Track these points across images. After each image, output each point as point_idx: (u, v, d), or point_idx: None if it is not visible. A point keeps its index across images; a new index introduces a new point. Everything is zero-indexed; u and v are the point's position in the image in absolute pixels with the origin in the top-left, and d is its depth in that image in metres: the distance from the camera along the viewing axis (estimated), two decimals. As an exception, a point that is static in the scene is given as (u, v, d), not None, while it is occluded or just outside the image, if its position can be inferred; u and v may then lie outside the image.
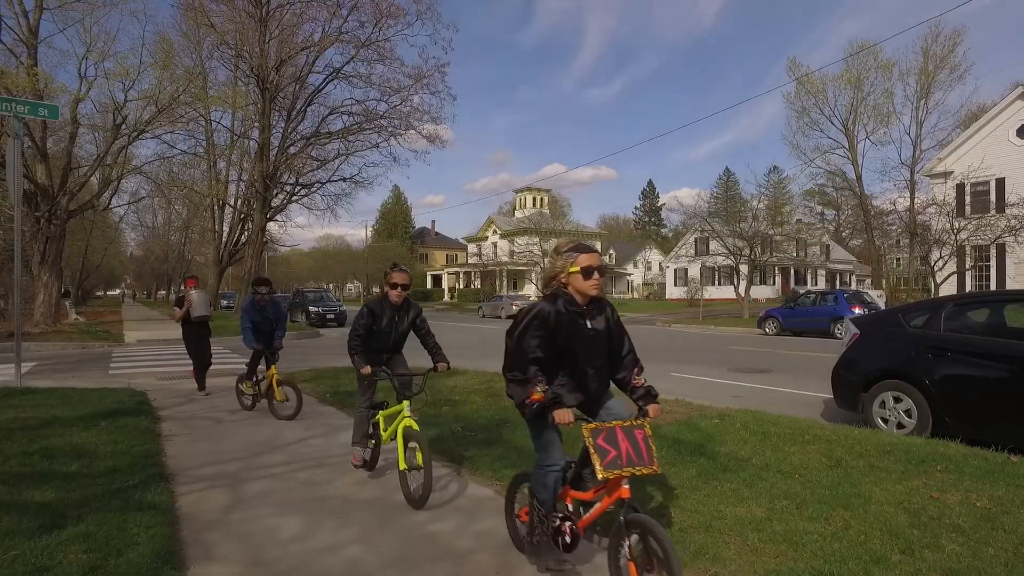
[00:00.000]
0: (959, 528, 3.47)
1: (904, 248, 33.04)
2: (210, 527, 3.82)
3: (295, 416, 7.00)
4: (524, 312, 3.00)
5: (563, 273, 2.96)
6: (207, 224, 40.45)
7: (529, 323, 2.91)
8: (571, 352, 2.95)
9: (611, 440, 2.74)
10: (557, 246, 3.09)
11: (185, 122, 25.06)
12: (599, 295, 3.00)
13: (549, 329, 2.89)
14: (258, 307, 7.51)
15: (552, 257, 3.07)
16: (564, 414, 2.76)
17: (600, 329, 3.01)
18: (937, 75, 37.57)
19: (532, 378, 2.83)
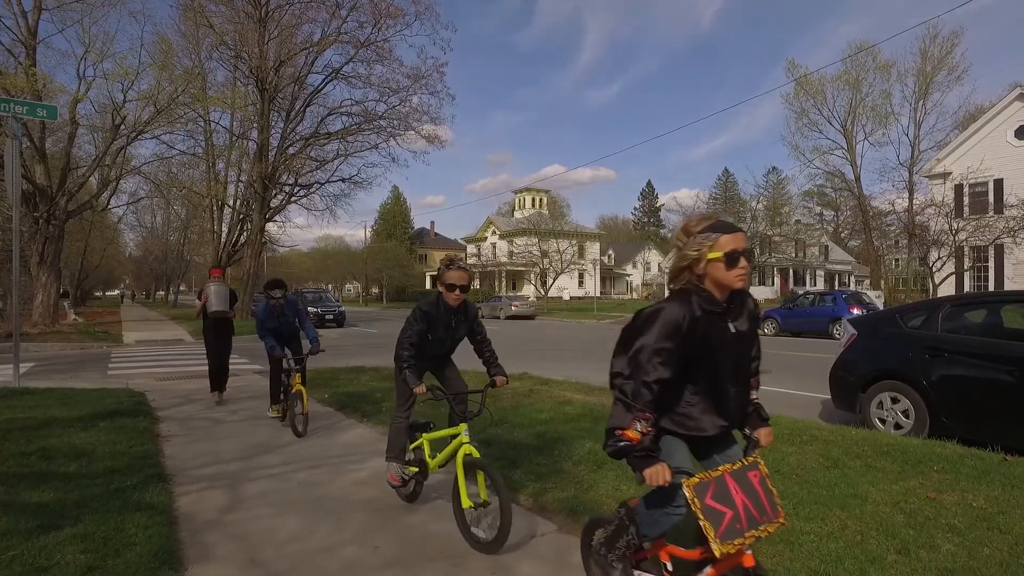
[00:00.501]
0: (955, 528, 3.49)
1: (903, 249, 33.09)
2: (208, 527, 3.83)
3: (304, 430, 6.28)
4: (646, 316, 2.26)
5: (700, 262, 2.22)
6: (206, 225, 40.43)
7: (654, 334, 2.18)
8: (709, 364, 2.26)
9: (723, 495, 2.11)
10: (686, 226, 2.30)
11: (184, 123, 25.10)
12: (743, 287, 2.27)
13: (680, 339, 2.18)
14: (275, 313, 6.89)
15: (680, 240, 2.30)
16: (658, 473, 2.09)
17: (745, 332, 2.34)
18: (935, 76, 37.66)
19: (637, 412, 2.16)
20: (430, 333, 3.99)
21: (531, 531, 3.74)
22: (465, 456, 3.59)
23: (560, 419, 6.36)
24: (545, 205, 63.95)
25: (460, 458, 3.60)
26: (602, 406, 7.04)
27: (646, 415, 2.15)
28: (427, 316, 3.95)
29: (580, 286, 59.62)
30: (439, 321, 4.00)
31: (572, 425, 6.07)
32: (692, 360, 2.23)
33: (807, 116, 41.38)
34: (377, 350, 16.23)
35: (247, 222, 31.31)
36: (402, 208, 75.04)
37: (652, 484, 2.11)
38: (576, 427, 6.00)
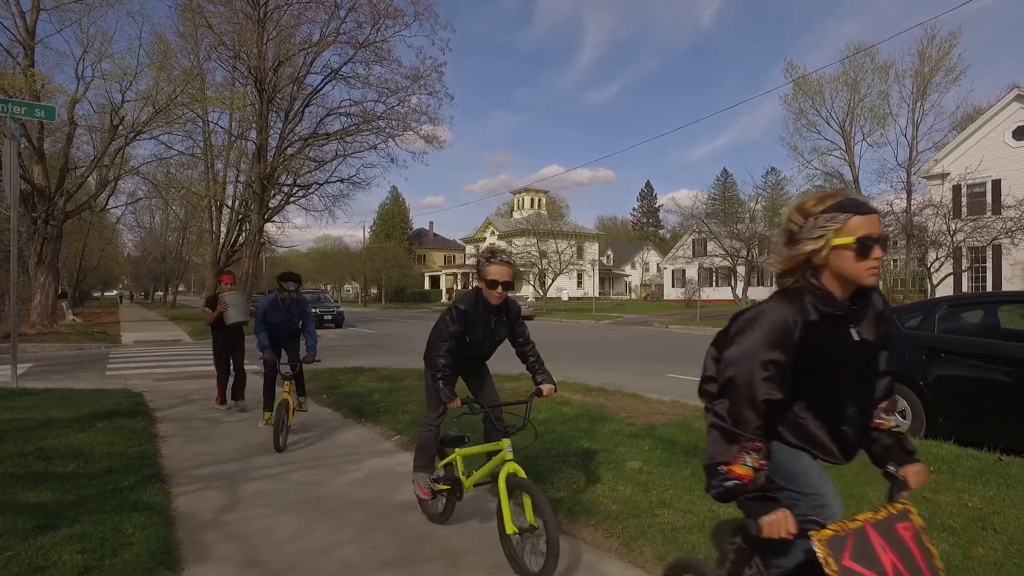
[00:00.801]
0: (950, 528, 3.50)
1: (901, 249, 33.09)
2: (206, 527, 3.84)
3: (284, 443, 5.77)
4: (746, 320, 1.79)
5: (820, 249, 1.74)
6: (205, 225, 40.38)
7: (759, 342, 1.72)
8: (824, 382, 1.80)
9: (866, 554, 1.60)
10: (803, 204, 1.80)
11: (182, 123, 25.08)
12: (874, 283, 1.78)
13: (791, 349, 1.72)
14: (281, 307, 6.37)
15: (794, 222, 1.80)
16: (780, 523, 1.61)
17: (871, 340, 1.85)
18: (933, 77, 37.67)
19: (744, 442, 1.69)
20: (467, 334, 3.56)
21: (528, 531, 3.73)
22: (509, 476, 3.17)
23: (557, 419, 6.37)
24: (544, 206, 63.97)
25: (503, 478, 3.17)
26: (599, 407, 7.06)
27: (756, 444, 1.69)
28: (465, 316, 3.50)
29: (579, 286, 59.65)
30: (477, 321, 3.56)
31: (569, 425, 6.08)
32: (806, 377, 1.77)
33: (805, 117, 41.35)
34: (376, 350, 16.24)
35: (246, 222, 31.30)
36: (401, 209, 75.07)
37: (771, 536, 1.62)
38: (573, 427, 6.00)
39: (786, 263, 1.83)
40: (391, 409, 7.32)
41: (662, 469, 4.66)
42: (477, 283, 3.53)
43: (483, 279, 3.47)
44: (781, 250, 1.85)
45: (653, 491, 4.18)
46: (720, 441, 1.75)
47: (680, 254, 53.48)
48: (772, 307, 1.77)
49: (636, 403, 7.48)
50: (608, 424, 6.15)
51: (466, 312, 3.51)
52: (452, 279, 64.64)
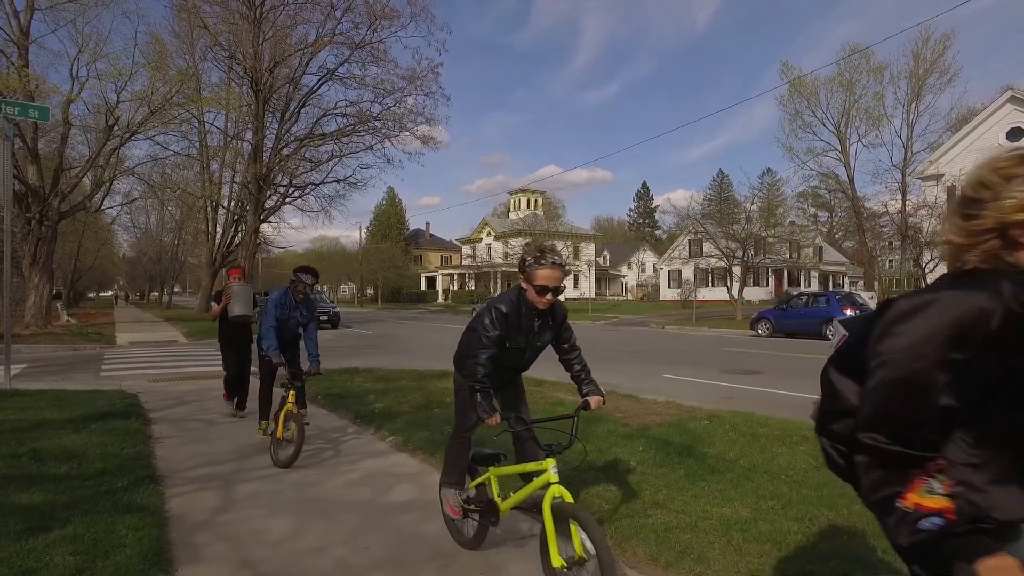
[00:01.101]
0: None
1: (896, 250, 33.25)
2: (199, 528, 3.83)
3: (292, 462, 5.18)
4: (909, 309, 1.32)
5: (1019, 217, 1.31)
6: (200, 226, 40.37)
7: (935, 334, 1.27)
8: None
9: None
10: (995, 163, 1.38)
11: (178, 123, 25.07)
12: None
13: (977, 350, 1.25)
14: (290, 304, 5.78)
15: (985, 184, 1.37)
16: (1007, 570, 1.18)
17: None
18: (927, 79, 37.82)
19: (925, 462, 1.27)
20: (508, 340, 3.16)
21: (521, 531, 3.75)
22: (555, 501, 2.78)
23: (552, 420, 6.37)
24: (540, 206, 64.01)
25: (548, 504, 2.77)
26: (594, 407, 7.06)
27: (939, 463, 1.27)
28: (506, 320, 3.10)
29: (575, 287, 59.68)
30: (519, 326, 3.17)
31: (564, 426, 6.08)
32: (987, 388, 1.28)
33: (801, 118, 41.43)
34: (372, 351, 16.23)
35: (241, 223, 31.29)
36: (397, 209, 75.04)
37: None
38: (568, 428, 6.00)
39: (967, 236, 1.38)
40: (387, 410, 7.32)
41: (656, 470, 4.67)
42: (522, 283, 3.12)
43: (530, 282, 3.05)
44: (956, 221, 1.43)
45: (646, 491, 4.20)
46: (883, 468, 1.29)
47: (676, 255, 53.56)
48: (950, 295, 1.30)
49: (631, 404, 7.50)
50: (602, 425, 6.17)
51: (507, 315, 3.10)
52: (449, 279, 64.64)
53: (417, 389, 8.67)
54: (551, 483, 2.82)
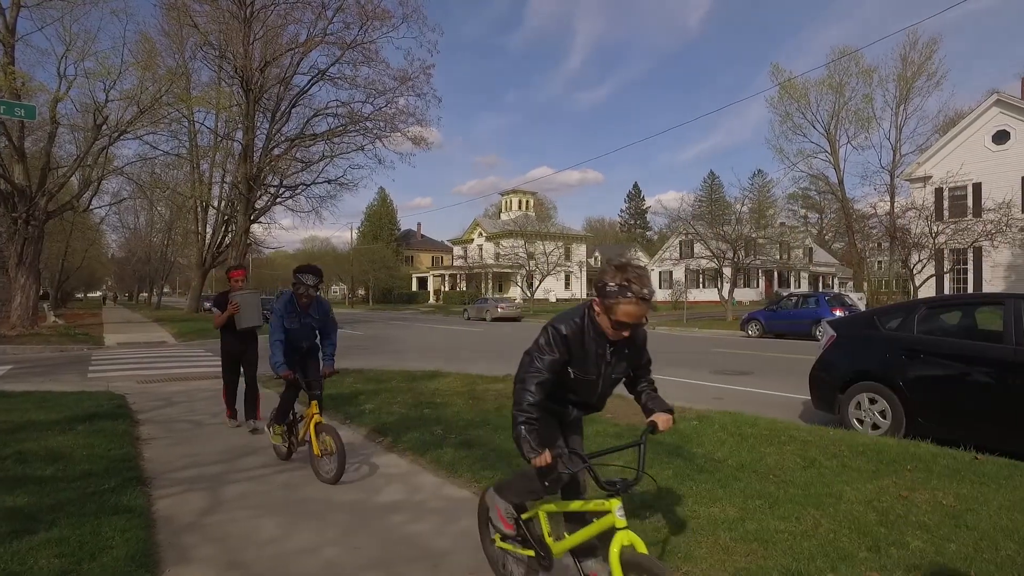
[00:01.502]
0: (924, 525, 3.56)
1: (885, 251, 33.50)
2: (187, 530, 3.82)
3: (338, 478, 4.72)
4: None
5: None
6: (190, 226, 40.16)
7: None
8: None
9: None
10: None
11: (168, 123, 24.95)
12: None
13: None
14: (298, 309, 5.14)
15: None
16: None
17: None
18: (915, 81, 38.22)
19: None
20: (572, 367, 2.53)
21: (510, 531, 3.75)
22: (624, 550, 2.27)
23: (542, 420, 6.37)
24: (532, 207, 64.04)
25: (618, 553, 2.27)
26: (585, 407, 7.07)
27: None
28: (567, 343, 2.49)
29: (567, 288, 59.74)
30: (588, 355, 2.52)
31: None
32: None
33: (791, 120, 41.74)
34: (362, 352, 16.18)
35: (232, 223, 31.14)
36: (388, 210, 74.89)
37: None
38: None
39: None
40: (377, 411, 7.31)
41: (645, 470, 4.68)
42: (595, 306, 2.45)
43: (608, 313, 2.39)
44: None
45: (634, 491, 4.21)
46: None
47: (667, 256, 53.77)
48: None
49: (620, 403, 7.49)
50: (592, 425, 6.17)
51: (568, 339, 2.48)
52: (440, 280, 64.55)
53: (408, 390, 8.65)
54: (619, 528, 2.32)
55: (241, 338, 6.75)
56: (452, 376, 9.87)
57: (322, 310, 5.29)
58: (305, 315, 5.18)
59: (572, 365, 2.54)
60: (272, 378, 6.14)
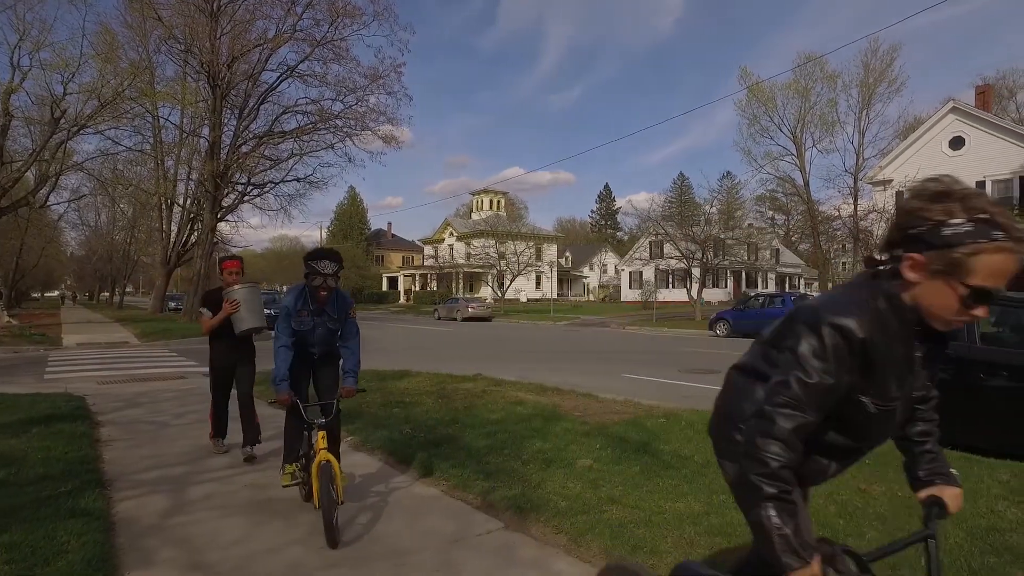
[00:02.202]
0: (880, 517, 3.67)
1: (849, 252, 34.32)
2: (148, 532, 3.73)
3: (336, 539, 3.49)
4: None
5: None
6: (154, 224, 39.20)
7: None
8: None
9: None
10: None
11: (131, 118, 24.31)
12: None
13: None
14: (312, 305, 4.10)
15: None
16: None
17: None
18: (876, 87, 39.21)
19: None
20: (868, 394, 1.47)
21: (478, 528, 3.76)
22: None
23: (512, 419, 6.40)
24: (503, 207, 64.08)
25: None
26: (554, 406, 7.12)
27: None
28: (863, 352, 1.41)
29: (537, 288, 59.91)
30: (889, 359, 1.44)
31: (523, 425, 6.12)
32: None
33: (759, 123, 42.52)
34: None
35: (198, 221, 30.51)
36: (358, 209, 74.21)
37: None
38: (527, 427, 6.05)
39: None
40: (345, 410, 7.22)
41: (612, 467, 4.73)
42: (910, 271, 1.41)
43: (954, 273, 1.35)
44: None
45: (603, 488, 4.25)
46: None
47: (637, 256, 54.28)
48: None
49: (590, 402, 7.57)
50: (561, 423, 6.22)
51: (866, 345, 1.40)
52: (411, 280, 64.17)
53: (376, 389, 8.59)
54: None
55: (236, 347, 5.46)
56: (421, 376, 9.83)
57: (342, 307, 4.23)
58: (321, 312, 4.14)
59: (867, 390, 1.46)
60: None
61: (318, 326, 4.18)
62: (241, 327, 5.32)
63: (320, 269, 3.95)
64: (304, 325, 4.13)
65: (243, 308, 5.27)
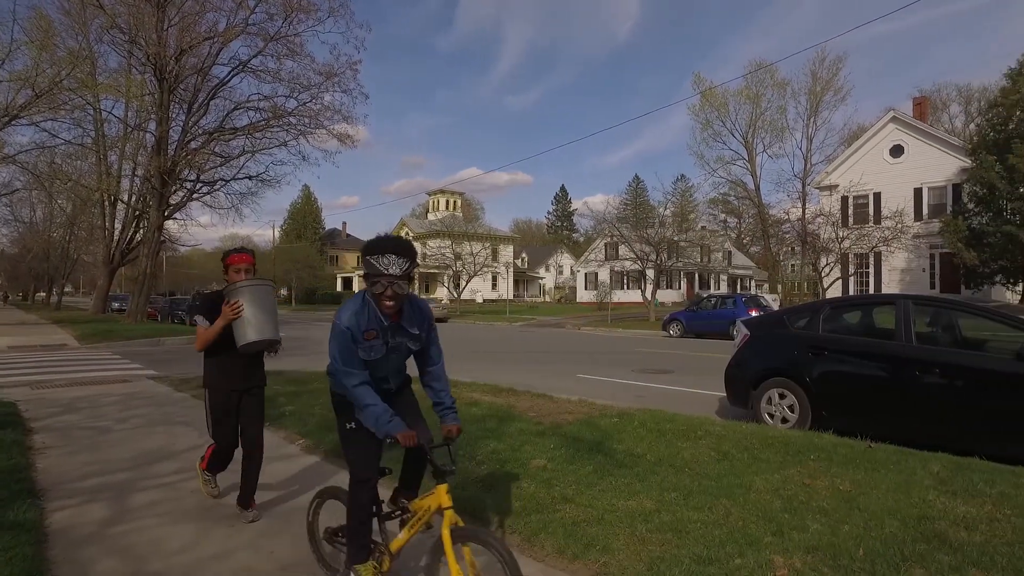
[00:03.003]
0: (823, 510, 3.80)
1: (797, 255, 35.43)
2: (86, 542, 3.58)
3: None
4: None
5: None
6: (96, 221, 37.63)
7: None
8: None
9: None
10: None
11: (69, 109, 23.20)
12: None
13: None
14: (382, 323, 2.85)
15: None
16: None
17: None
18: (823, 96, 40.69)
19: None
20: None
21: (433, 531, 3.73)
22: None
23: (466, 420, 6.36)
24: (459, 207, 63.91)
25: None
26: (508, 407, 7.13)
27: None
28: None
29: (493, 289, 59.97)
30: None
31: (477, 426, 6.12)
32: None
33: (712, 127, 43.59)
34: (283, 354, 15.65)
35: (144, 219, 29.42)
36: (313, 208, 72.94)
37: None
38: (481, 428, 6.05)
39: None
40: (297, 412, 7.11)
41: (566, 466, 4.77)
42: None
43: None
44: None
45: (556, 487, 4.28)
46: None
47: (593, 257, 54.89)
48: None
49: (544, 403, 7.61)
50: (516, 423, 6.23)
51: None
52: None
53: (329, 392, 8.44)
54: None
55: (241, 368, 4.06)
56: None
57: (422, 318, 2.98)
58: (396, 331, 2.87)
59: None
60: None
61: (394, 350, 2.89)
62: (245, 339, 3.76)
63: (383, 267, 2.63)
64: (375, 352, 2.82)
65: (248, 312, 3.81)
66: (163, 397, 8.78)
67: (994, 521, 3.61)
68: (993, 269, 23.86)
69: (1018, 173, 21.81)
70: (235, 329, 3.82)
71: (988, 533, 3.45)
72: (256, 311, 3.84)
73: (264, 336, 3.85)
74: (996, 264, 23.57)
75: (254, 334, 3.81)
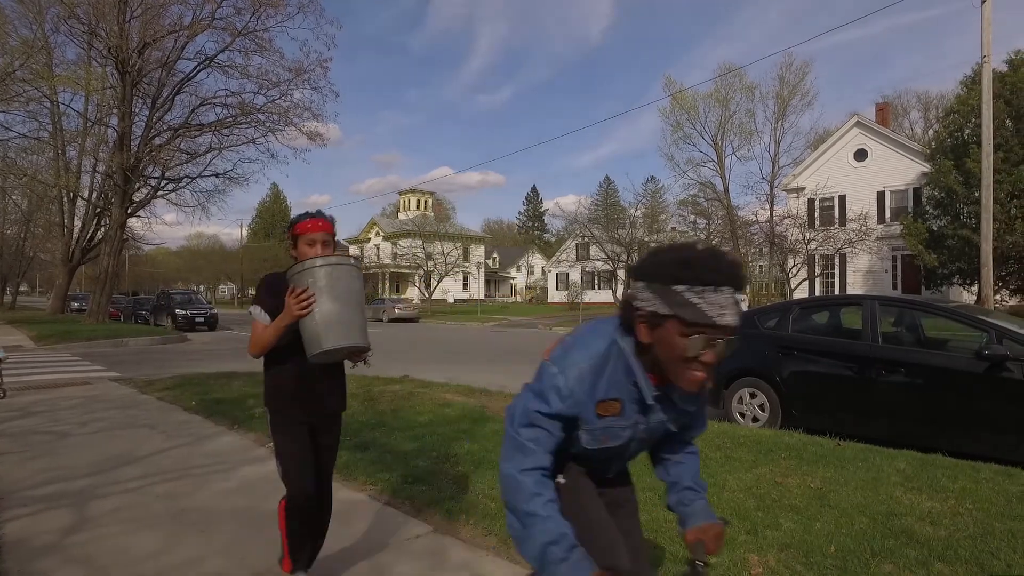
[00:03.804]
0: (795, 507, 3.86)
1: (765, 256, 36.08)
2: (43, 553, 3.44)
3: None
4: None
5: None
6: (54, 218, 36.47)
7: None
8: None
9: None
10: None
11: (23, 102, 22.40)
12: None
13: None
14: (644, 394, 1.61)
15: None
16: None
17: None
18: (790, 100, 41.45)
19: None
20: None
21: (407, 532, 3.70)
22: None
23: (440, 421, 6.34)
24: (430, 207, 63.62)
25: None
26: (482, 408, 7.10)
27: None
28: None
29: (464, 289, 59.84)
30: None
31: (451, 427, 6.08)
32: None
33: (682, 129, 44.05)
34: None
35: (105, 216, 28.60)
36: (282, 207, 71.98)
37: None
38: (455, 429, 6.01)
39: None
40: (266, 414, 6.96)
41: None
42: None
43: None
44: None
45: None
46: None
47: (564, 258, 55.12)
48: None
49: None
50: (490, 424, 6.21)
51: None
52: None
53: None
54: None
55: (314, 380, 2.89)
56: (346, 377, 9.61)
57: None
58: (665, 405, 1.70)
59: None
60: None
61: (644, 431, 1.74)
62: (319, 346, 2.55)
63: (714, 313, 1.48)
64: (614, 438, 1.71)
65: (325, 305, 2.57)
66: (127, 399, 8.54)
67: (957, 515, 3.72)
68: (951, 271, 24.64)
69: (973, 178, 22.56)
70: (304, 330, 2.58)
71: (951, 527, 3.54)
72: (334, 305, 2.56)
73: (346, 342, 2.57)
74: (954, 266, 24.35)
75: (331, 338, 2.53)
